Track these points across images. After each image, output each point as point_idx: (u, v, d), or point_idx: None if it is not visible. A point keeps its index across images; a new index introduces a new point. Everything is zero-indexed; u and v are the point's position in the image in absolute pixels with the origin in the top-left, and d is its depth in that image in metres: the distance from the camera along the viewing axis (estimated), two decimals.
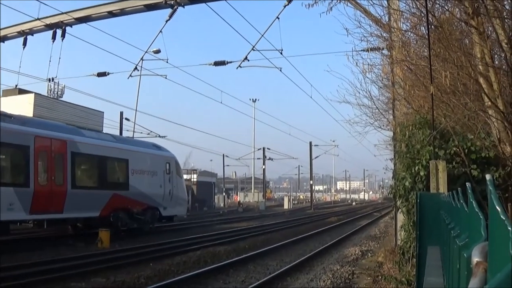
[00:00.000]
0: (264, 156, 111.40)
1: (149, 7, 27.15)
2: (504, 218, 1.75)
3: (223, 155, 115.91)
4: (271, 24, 26.66)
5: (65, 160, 30.92)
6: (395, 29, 18.55)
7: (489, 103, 10.90)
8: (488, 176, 2.33)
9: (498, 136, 11.22)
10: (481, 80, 11.14)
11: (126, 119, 58.88)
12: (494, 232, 1.95)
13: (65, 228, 35.84)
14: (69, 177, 30.99)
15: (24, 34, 29.90)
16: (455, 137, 14.50)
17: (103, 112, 40.27)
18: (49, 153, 29.69)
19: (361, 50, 21.14)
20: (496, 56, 12.53)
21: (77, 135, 32.63)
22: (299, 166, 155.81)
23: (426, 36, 13.92)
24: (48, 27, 28.67)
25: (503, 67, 11.26)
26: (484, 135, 13.87)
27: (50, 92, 46.47)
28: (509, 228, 1.62)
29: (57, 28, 28.43)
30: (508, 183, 12.67)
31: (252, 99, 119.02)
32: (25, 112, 31.22)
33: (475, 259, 2.12)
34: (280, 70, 34.83)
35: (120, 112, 59.20)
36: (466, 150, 14.60)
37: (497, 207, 1.85)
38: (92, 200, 32.69)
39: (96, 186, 34.06)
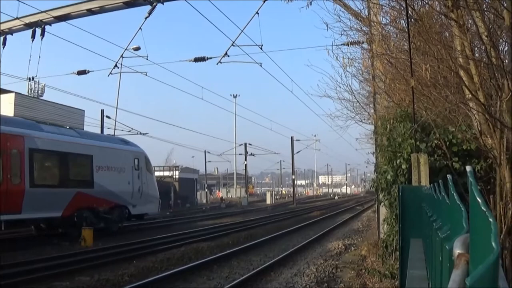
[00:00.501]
0: (246, 152, 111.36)
1: (128, 4, 27.07)
2: (485, 210, 1.76)
3: (205, 151, 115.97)
4: (250, 20, 26.71)
5: (22, 157, 29.44)
6: (375, 23, 18.58)
7: (470, 95, 10.93)
8: (468, 168, 2.35)
9: (479, 129, 11.26)
10: (461, 72, 11.18)
11: (107, 117, 58.77)
12: (475, 224, 1.97)
13: (29, 230, 34.37)
14: (27, 175, 29.53)
15: (3, 33, 29.70)
16: (436, 130, 14.54)
17: (84, 111, 39.61)
18: (4, 149, 28.30)
19: (341, 44, 21.18)
20: (476, 48, 12.58)
21: (36, 130, 31.13)
22: (281, 161, 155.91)
23: (406, 30, 13.97)
24: (27, 26, 28.52)
25: (484, 59, 11.30)
26: (465, 127, 13.92)
27: (31, 91, 46.27)
28: (490, 220, 1.64)
29: (37, 27, 28.28)
30: (490, 175, 12.73)
31: (233, 95, 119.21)
32: (6, 112, 30.83)
33: (457, 251, 2.13)
34: (261, 65, 34.85)
35: (101, 110, 59.11)
36: (448, 143, 14.65)
37: (478, 199, 1.86)
38: (53, 199, 31.08)
39: (58, 184, 32.46)
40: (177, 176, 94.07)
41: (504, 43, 11.74)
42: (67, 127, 35.30)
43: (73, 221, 32.44)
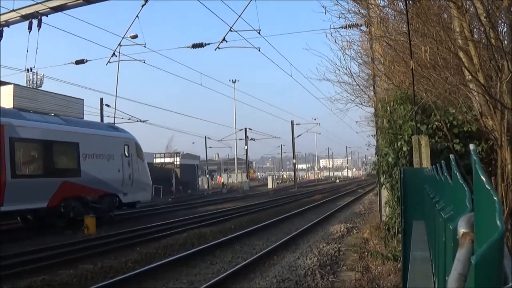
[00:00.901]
0: (246, 137, 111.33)
1: None
2: (489, 188, 1.78)
3: (205, 137, 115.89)
4: (248, 5, 26.72)
5: (2, 147, 28.18)
6: (373, 5, 18.58)
7: (470, 77, 10.94)
8: (471, 146, 2.36)
9: (480, 110, 11.28)
10: (461, 54, 11.18)
11: (107, 105, 58.78)
12: (479, 202, 1.98)
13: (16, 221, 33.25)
14: (8, 166, 28.29)
15: (0, 26, 29.64)
16: (437, 112, 14.55)
17: (83, 100, 39.34)
18: None
19: (340, 27, 21.19)
20: (475, 30, 12.57)
21: (17, 118, 29.91)
22: (281, 145, 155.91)
23: (404, 12, 13.97)
24: (24, 18, 28.39)
25: (483, 40, 11.29)
26: (465, 109, 13.94)
27: (29, 82, 46.30)
28: (494, 198, 1.65)
29: (33, 18, 28.15)
30: (491, 157, 12.76)
31: (232, 80, 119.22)
32: (5, 103, 30.66)
33: (461, 230, 2.14)
34: (259, 50, 34.89)
35: (100, 99, 59.11)
36: (448, 125, 14.67)
37: (482, 177, 1.88)
38: (37, 189, 29.82)
39: (42, 174, 31.23)
40: (178, 163, 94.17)
41: (503, 24, 11.76)
42: (52, 114, 34.29)
43: (60, 212, 31.64)
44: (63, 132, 33.23)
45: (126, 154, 39.15)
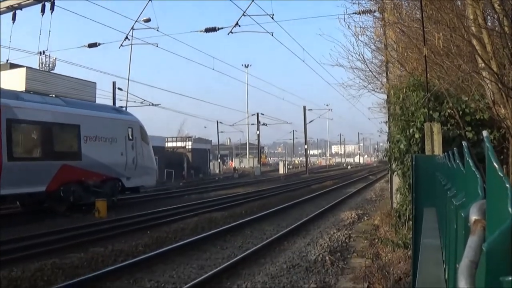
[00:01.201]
0: (258, 122, 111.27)
1: None
2: (502, 175, 1.77)
3: (217, 121, 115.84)
4: None
5: None
6: None
7: (483, 64, 10.91)
8: (485, 133, 2.34)
9: (492, 98, 11.24)
10: (474, 41, 11.14)
11: (119, 88, 58.93)
12: (491, 189, 1.97)
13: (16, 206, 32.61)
14: (4, 148, 27.42)
15: (13, 9, 29.57)
16: (449, 99, 14.51)
17: (95, 83, 39.21)
18: None
19: (353, 13, 21.17)
20: (489, 17, 12.52)
21: (15, 99, 29.20)
22: (293, 131, 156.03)
23: None
24: (37, 0, 28.34)
25: (496, 28, 11.25)
26: (478, 97, 13.90)
27: (42, 65, 46.39)
28: (507, 185, 1.64)
29: (46, 1, 28.10)
30: (502, 145, 12.72)
31: (245, 65, 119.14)
32: (18, 86, 30.60)
33: (473, 217, 2.13)
34: (272, 35, 34.88)
35: (113, 82, 59.31)
36: (461, 112, 14.63)
37: (495, 164, 1.86)
38: (35, 173, 29.05)
39: (40, 157, 30.48)
40: (190, 147, 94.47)
41: None
42: (53, 95, 33.42)
43: (59, 196, 30.90)
44: (63, 113, 32.32)
45: (130, 137, 38.22)
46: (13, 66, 33.34)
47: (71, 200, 31.60)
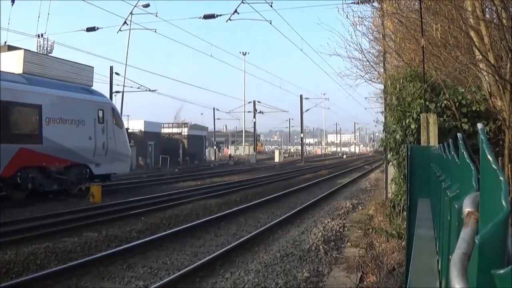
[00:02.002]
0: (255, 110, 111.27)
1: None
2: (495, 168, 1.76)
3: (214, 108, 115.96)
4: None
5: None
6: None
7: (480, 56, 10.91)
8: (479, 125, 2.34)
9: (489, 90, 11.26)
10: (472, 33, 11.14)
11: (116, 73, 58.83)
12: (485, 182, 1.97)
13: None
14: None
15: None
16: (446, 90, 14.52)
17: (93, 67, 38.88)
18: None
19: (352, 3, 21.18)
20: (487, 9, 12.52)
21: None
22: (289, 119, 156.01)
23: None
24: None
25: (494, 20, 11.26)
26: (475, 88, 13.90)
27: (40, 48, 46.44)
28: (501, 178, 1.64)
29: None
30: (498, 138, 12.74)
31: (242, 52, 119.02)
32: (15, 68, 30.31)
33: (467, 209, 2.13)
34: (270, 23, 34.92)
35: (110, 67, 59.13)
36: (457, 104, 14.65)
37: (489, 156, 1.86)
38: None
39: None
40: (185, 133, 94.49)
41: None
42: (15, 73, 30.50)
43: (16, 183, 28.59)
44: (22, 92, 29.56)
45: (100, 120, 35.34)
46: (11, 48, 33.19)
47: (30, 187, 29.51)
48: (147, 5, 39.93)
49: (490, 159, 1.84)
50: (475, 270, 1.60)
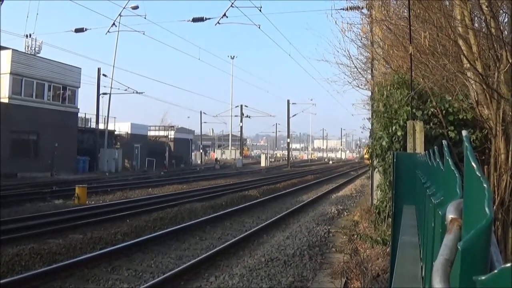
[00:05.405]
0: (242, 114, 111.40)
1: None
2: (479, 175, 1.78)
3: (201, 112, 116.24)
4: None
5: None
6: None
7: (468, 65, 10.94)
8: (464, 132, 2.36)
9: (476, 98, 11.29)
10: (460, 42, 11.18)
11: (104, 75, 58.75)
12: (469, 189, 1.98)
13: None
14: None
15: None
16: (433, 98, 14.56)
17: (80, 68, 39.15)
18: None
19: (341, 9, 21.23)
20: (476, 18, 12.57)
21: None
22: (276, 124, 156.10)
23: None
24: None
25: (483, 29, 11.31)
26: (462, 97, 13.95)
27: (28, 48, 46.26)
28: (484, 185, 1.65)
29: None
30: (485, 146, 12.78)
31: (230, 56, 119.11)
32: (2, 68, 30.34)
33: (450, 216, 2.15)
34: (259, 27, 34.96)
35: (98, 68, 59.03)
36: (444, 112, 14.69)
37: (473, 164, 1.88)
38: None
39: None
40: (172, 136, 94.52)
41: (504, 14, 11.76)
42: None
43: None
44: None
45: None
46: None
47: None
48: (136, 7, 39.91)
49: (474, 166, 1.86)
50: (458, 276, 1.61)
